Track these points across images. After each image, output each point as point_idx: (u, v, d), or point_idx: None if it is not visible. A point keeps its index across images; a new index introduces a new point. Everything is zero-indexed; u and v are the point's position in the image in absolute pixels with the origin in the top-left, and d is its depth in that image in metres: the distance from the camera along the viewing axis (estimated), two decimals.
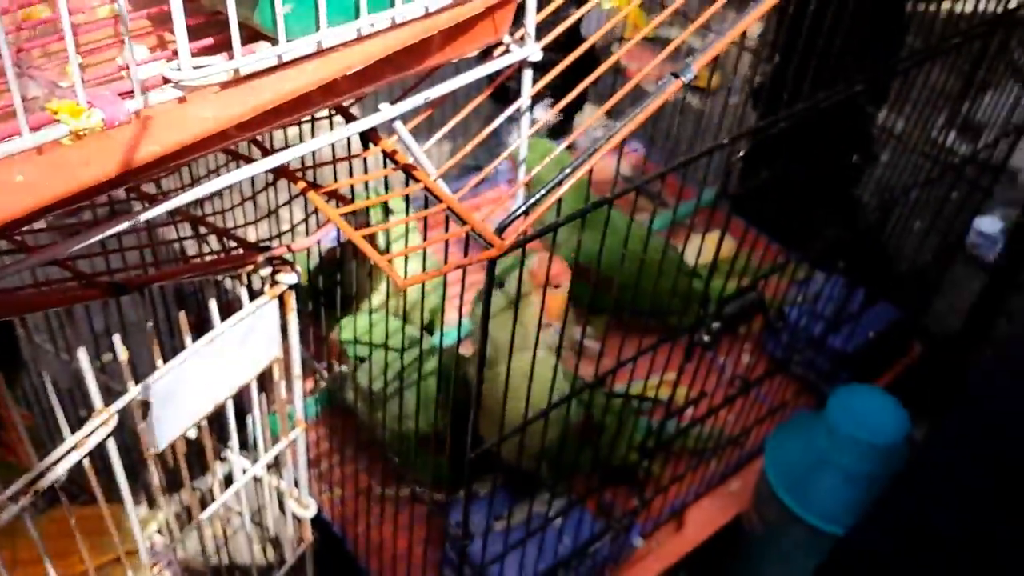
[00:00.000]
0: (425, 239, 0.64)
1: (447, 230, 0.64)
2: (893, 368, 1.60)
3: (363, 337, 1.08)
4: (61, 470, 0.58)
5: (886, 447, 1.10)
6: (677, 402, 1.08)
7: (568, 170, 0.61)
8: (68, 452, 0.59)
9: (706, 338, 0.91)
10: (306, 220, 0.85)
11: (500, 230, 0.60)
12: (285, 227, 0.97)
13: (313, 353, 1.35)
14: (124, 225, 0.49)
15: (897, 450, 1.11)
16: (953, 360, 1.48)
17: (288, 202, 0.81)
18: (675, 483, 1.22)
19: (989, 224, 1.81)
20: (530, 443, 1.03)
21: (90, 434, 0.60)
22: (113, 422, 0.61)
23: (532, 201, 0.61)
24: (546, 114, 0.66)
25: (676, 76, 0.63)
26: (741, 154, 0.77)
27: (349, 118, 0.70)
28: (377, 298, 1.09)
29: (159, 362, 0.66)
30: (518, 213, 0.61)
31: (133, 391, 0.63)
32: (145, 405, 0.64)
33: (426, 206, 0.65)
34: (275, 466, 0.97)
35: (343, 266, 1.21)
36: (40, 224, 0.67)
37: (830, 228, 1.04)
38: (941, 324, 1.62)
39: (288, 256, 0.72)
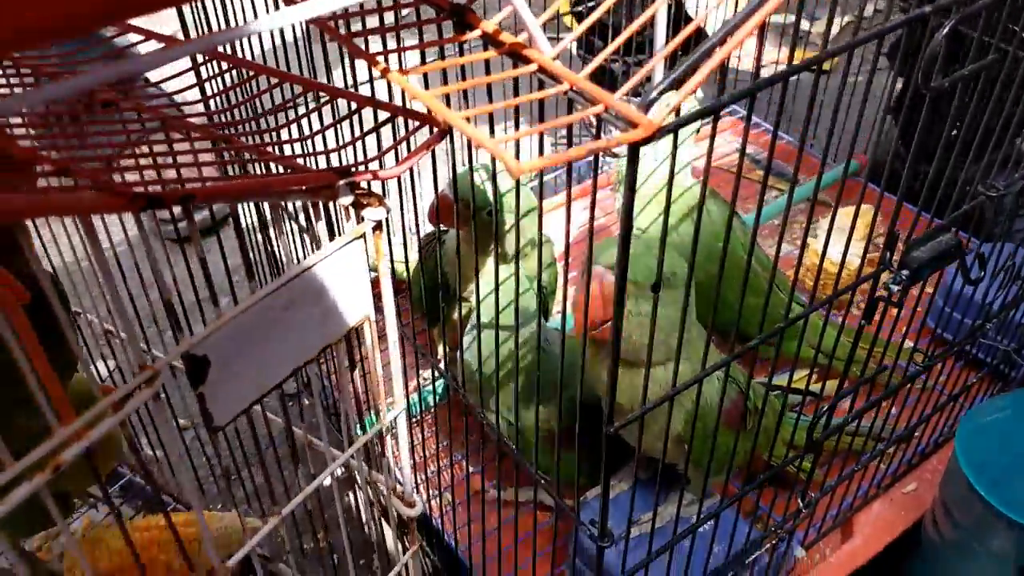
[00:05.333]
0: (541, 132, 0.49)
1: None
2: None
3: (485, 308, 0.94)
4: (93, 438, 0.45)
5: None
6: (830, 394, 0.88)
7: (735, 21, 0.45)
8: (103, 414, 0.46)
9: (895, 288, 0.72)
10: (392, 149, 0.64)
11: (647, 107, 0.45)
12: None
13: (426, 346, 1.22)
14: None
15: None
16: None
17: (376, 128, 0.65)
18: (841, 484, 1.03)
19: None
20: (675, 423, 0.86)
21: (130, 394, 0.47)
22: (159, 381, 0.48)
23: (684, 67, 0.45)
24: None
25: None
26: (946, 30, 0.59)
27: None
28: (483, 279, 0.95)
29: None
30: (665, 84, 0.46)
31: (185, 342, 0.50)
32: (200, 364, 0.50)
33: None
34: (372, 461, 0.84)
35: (442, 253, 1.09)
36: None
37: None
38: None
39: (376, 186, 0.58)
